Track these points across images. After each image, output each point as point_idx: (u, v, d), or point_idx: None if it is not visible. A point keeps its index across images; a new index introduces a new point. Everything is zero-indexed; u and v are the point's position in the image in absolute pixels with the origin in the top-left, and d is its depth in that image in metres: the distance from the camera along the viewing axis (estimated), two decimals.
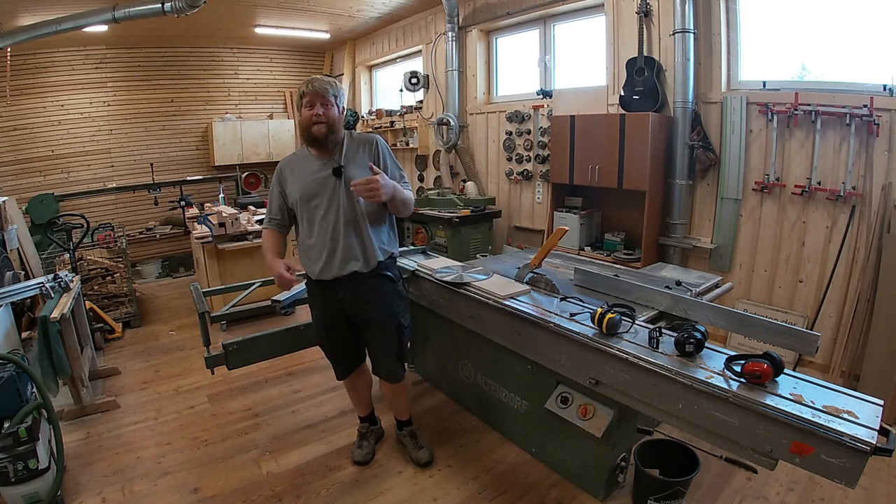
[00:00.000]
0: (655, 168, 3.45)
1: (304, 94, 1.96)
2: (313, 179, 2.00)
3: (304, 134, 2.00)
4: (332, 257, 2.00)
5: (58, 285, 2.77)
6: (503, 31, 5.06)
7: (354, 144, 2.06)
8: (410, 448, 2.40)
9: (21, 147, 5.68)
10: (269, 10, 5.23)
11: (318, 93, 1.93)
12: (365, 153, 2.06)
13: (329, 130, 1.96)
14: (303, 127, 1.98)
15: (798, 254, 3.14)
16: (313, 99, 1.94)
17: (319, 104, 1.94)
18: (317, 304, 2.18)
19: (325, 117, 1.94)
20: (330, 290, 2.06)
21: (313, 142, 1.98)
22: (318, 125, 1.94)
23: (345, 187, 1.97)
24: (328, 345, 2.26)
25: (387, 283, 2.11)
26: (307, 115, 1.94)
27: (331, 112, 1.96)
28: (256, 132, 6.80)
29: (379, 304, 2.09)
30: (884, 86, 2.71)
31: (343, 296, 2.06)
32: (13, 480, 1.98)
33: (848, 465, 1.27)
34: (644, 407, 1.74)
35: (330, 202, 1.99)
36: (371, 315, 2.10)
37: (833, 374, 2.91)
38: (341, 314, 2.11)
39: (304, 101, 1.96)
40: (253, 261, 4.17)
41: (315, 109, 1.93)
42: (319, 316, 2.20)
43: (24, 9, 4.43)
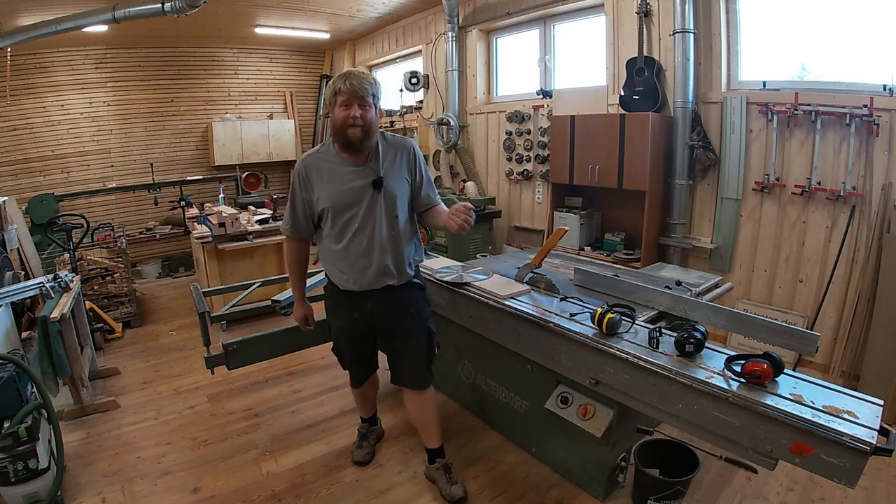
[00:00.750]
0: (655, 168, 3.45)
1: (339, 90, 1.75)
2: (348, 189, 1.83)
3: (336, 135, 1.81)
4: (364, 272, 1.88)
5: (58, 285, 2.77)
6: (503, 31, 5.06)
7: (391, 150, 1.90)
8: (442, 483, 2.14)
9: (21, 147, 5.68)
10: (269, 10, 5.23)
11: (356, 92, 1.73)
12: (402, 161, 1.91)
13: (365, 135, 1.77)
14: (336, 128, 1.79)
15: (798, 254, 3.14)
16: (350, 99, 1.74)
17: (357, 105, 1.74)
18: (341, 314, 2.04)
19: (363, 120, 1.75)
20: (359, 299, 1.94)
21: (347, 146, 1.80)
22: (353, 128, 1.75)
23: (384, 201, 1.84)
24: (350, 354, 2.15)
25: (416, 292, 2.04)
26: (342, 116, 1.75)
27: (368, 114, 1.77)
28: (256, 132, 6.80)
29: (410, 313, 2.00)
30: (884, 86, 2.71)
31: (373, 306, 1.95)
32: (13, 480, 1.98)
33: (848, 465, 1.27)
34: (644, 407, 1.74)
35: (367, 216, 1.84)
36: (402, 324, 2.00)
37: (833, 374, 2.91)
38: (369, 324, 2.01)
39: (338, 100, 1.76)
40: (253, 261, 4.17)
41: (352, 111, 1.74)
42: (343, 325, 2.06)
43: (24, 9, 4.43)
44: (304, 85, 7.54)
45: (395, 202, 1.89)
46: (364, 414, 2.47)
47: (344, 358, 2.21)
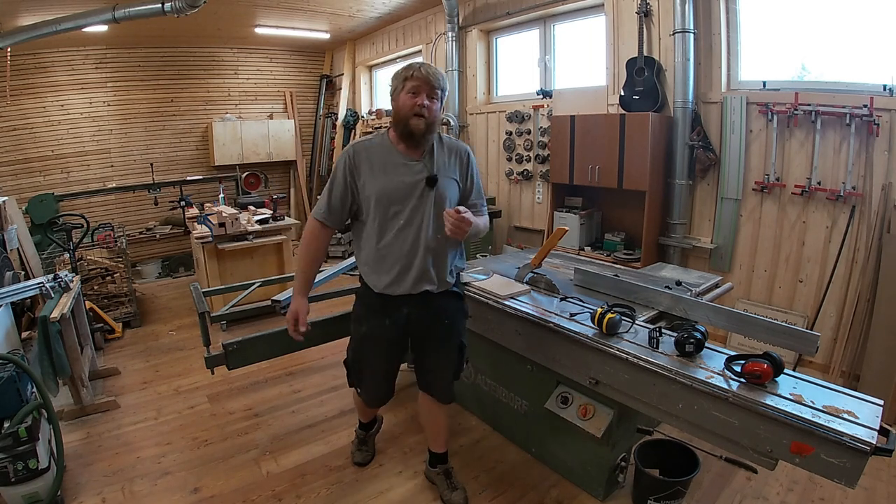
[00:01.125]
0: (655, 168, 3.45)
1: (411, 76, 1.66)
2: (400, 182, 1.73)
3: (398, 123, 1.72)
4: (404, 274, 1.76)
5: (58, 285, 2.77)
6: (503, 31, 5.06)
7: (445, 152, 1.81)
8: (442, 488, 2.12)
9: (21, 147, 5.68)
10: (269, 10, 5.23)
11: (428, 81, 1.65)
12: (455, 164, 1.83)
13: (428, 128, 1.69)
14: (399, 115, 1.70)
15: (798, 254, 3.14)
16: (421, 87, 1.65)
17: (426, 94, 1.66)
18: (371, 319, 1.87)
19: (429, 111, 1.67)
20: (393, 304, 1.81)
21: (407, 136, 1.71)
22: (417, 118, 1.66)
23: (434, 200, 1.74)
24: (371, 367, 1.96)
25: (455, 301, 1.93)
26: (409, 103, 1.66)
27: (434, 107, 1.69)
28: (256, 132, 6.80)
29: (445, 323, 1.89)
30: (884, 86, 2.71)
31: (408, 311, 1.82)
32: (13, 480, 1.98)
33: (848, 465, 1.27)
34: (644, 407, 1.74)
35: (414, 214, 1.73)
36: (435, 334, 1.89)
37: (833, 374, 2.91)
38: (401, 333, 1.87)
39: (407, 86, 1.67)
40: (253, 261, 4.17)
41: (420, 99, 1.65)
42: (371, 331, 1.88)
43: (24, 9, 4.43)
44: (304, 85, 7.54)
45: (445, 203, 1.77)
46: (364, 419, 2.39)
47: (361, 371, 1.99)
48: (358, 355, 1.97)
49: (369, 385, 2.02)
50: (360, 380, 2.02)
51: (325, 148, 7.57)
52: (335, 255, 6.25)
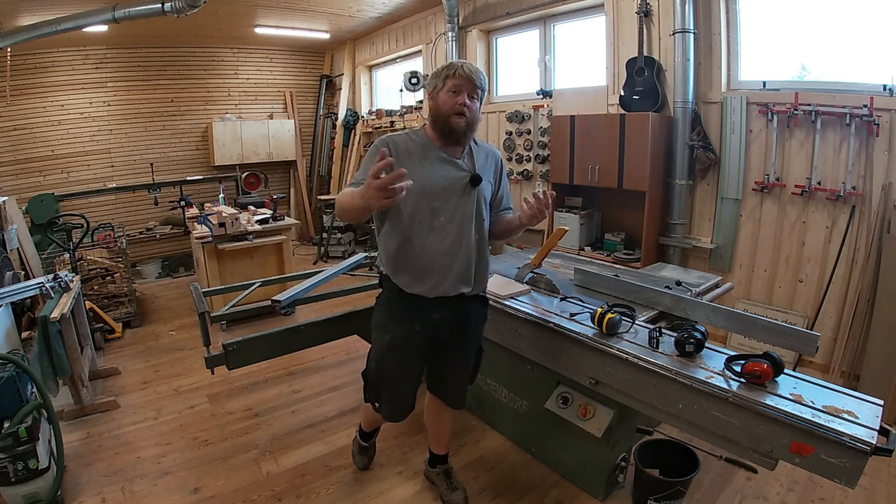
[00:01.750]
0: (655, 168, 3.45)
1: (452, 75, 1.62)
2: (442, 176, 1.68)
3: (437, 121, 1.67)
4: (444, 275, 1.69)
5: (58, 285, 2.77)
6: (503, 31, 5.06)
7: (482, 154, 1.80)
8: (443, 489, 2.11)
9: (21, 147, 5.68)
10: (269, 10, 5.23)
11: (470, 80, 1.62)
12: (491, 166, 1.82)
13: (468, 127, 1.66)
14: (439, 114, 1.66)
15: (798, 254, 3.14)
16: (462, 85, 1.62)
17: (467, 94, 1.63)
18: (398, 325, 1.77)
19: (470, 111, 1.64)
20: (426, 308, 1.73)
21: (448, 134, 1.66)
22: (458, 117, 1.63)
23: (476, 200, 1.72)
24: (396, 378, 1.84)
25: (482, 307, 1.93)
26: (450, 102, 1.62)
27: (475, 107, 1.66)
28: (256, 132, 6.81)
29: (471, 328, 1.87)
30: (884, 86, 2.71)
31: (439, 317, 1.75)
32: (13, 480, 1.98)
33: (848, 465, 1.27)
34: (644, 407, 1.74)
35: (455, 211, 1.68)
36: (461, 338, 1.85)
37: (833, 374, 2.91)
38: (430, 339, 1.79)
39: (447, 84, 1.63)
40: (253, 261, 4.17)
41: (461, 98, 1.62)
42: (397, 339, 1.77)
43: (24, 9, 4.43)
44: (304, 85, 7.54)
45: (484, 204, 1.77)
46: (367, 428, 2.27)
47: (381, 384, 1.87)
48: (381, 365, 1.84)
49: (391, 398, 1.88)
50: (379, 394, 1.90)
51: (325, 148, 7.57)
52: (335, 255, 6.25)
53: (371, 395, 1.93)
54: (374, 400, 1.92)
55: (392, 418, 1.94)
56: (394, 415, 1.92)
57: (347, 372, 3.29)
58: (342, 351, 3.53)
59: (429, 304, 1.72)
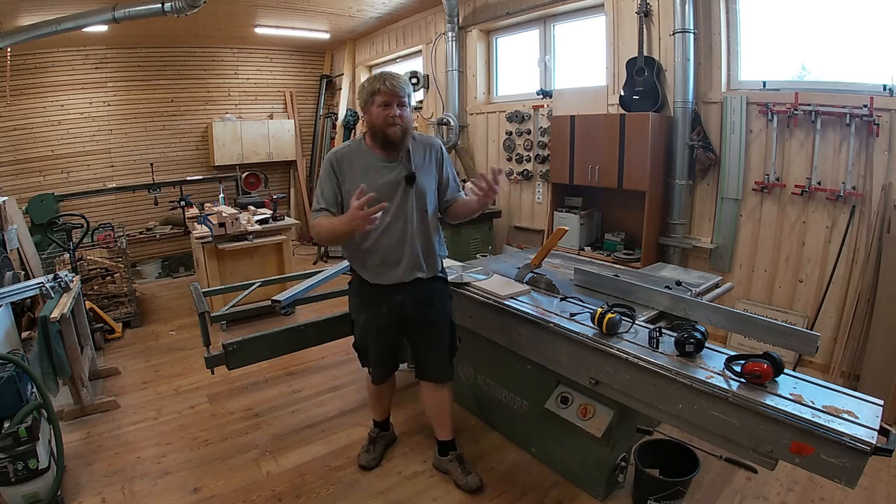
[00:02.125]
0: (655, 168, 3.45)
1: (378, 91, 1.81)
2: (383, 183, 1.87)
3: (375, 134, 1.88)
4: (395, 266, 1.93)
5: (58, 285, 2.77)
6: (503, 31, 5.06)
7: (420, 148, 1.97)
8: (457, 474, 2.20)
9: (21, 147, 5.68)
10: (269, 10, 5.23)
11: (395, 92, 1.81)
12: (431, 159, 1.99)
13: (404, 134, 1.85)
14: (375, 127, 1.85)
15: (798, 254, 3.14)
16: (390, 98, 1.81)
17: (396, 104, 1.82)
18: (368, 308, 2.05)
19: (402, 119, 1.83)
20: (388, 294, 1.98)
21: (386, 144, 1.86)
22: (393, 127, 1.82)
23: (415, 196, 1.90)
24: (376, 350, 2.13)
25: (442, 285, 2.12)
26: (381, 116, 1.82)
27: (406, 113, 1.85)
28: (256, 132, 6.80)
29: (436, 306, 2.06)
30: (884, 86, 2.71)
31: (401, 299, 1.98)
32: (13, 480, 1.98)
33: (848, 465, 1.27)
34: (644, 407, 1.74)
35: (399, 210, 1.89)
36: (428, 317, 2.05)
37: (833, 374, 2.91)
38: (397, 317, 2.02)
39: (376, 99, 1.82)
40: (253, 261, 4.17)
41: (391, 110, 1.81)
42: (370, 319, 2.06)
43: (24, 9, 4.43)
44: (304, 85, 7.54)
45: (425, 197, 1.95)
46: (377, 416, 2.44)
47: (368, 354, 2.17)
48: (363, 341, 2.15)
49: (376, 365, 2.20)
50: (367, 360, 2.20)
51: (325, 148, 7.57)
52: (335, 256, 6.25)
53: (364, 362, 2.23)
54: (366, 364, 2.23)
55: (376, 380, 2.27)
56: (377, 377, 2.25)
57: (347, 372, 3.29)
58: (342, 351, 3.52)
59: (391, 289, 1.97)
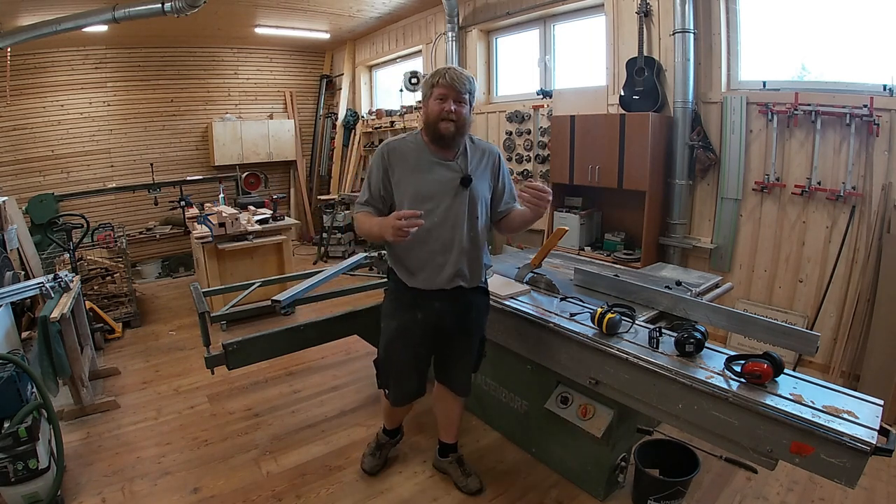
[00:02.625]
0: (655, 168, 3.45)
1: (437, 83, 1.74)
2: (434, 180, 1.79)
3: (428, 128, 1.80)
4: (439, 270, 1.82)
5: (58, 285, 2.77)
6: (503, 31, 5.06)
7: (478, 153, 1.88)
8: (457, 476, 2.20)
9: (21, 147, 5.68)
10: (269, 10, 5.23)
11: (453, 86, 1.73)
12: (488, 165, 1.89)
13: (458, 131, 1.76)
14: (428, 120, 1.78)
15: (798, 254, 3.14)
16: (447, 92, 1.73)
17: (453, 100, 1.74)
18: (402, 313, 1.91)
19: (457, 115, 1.74)
20: (426, 300, 1.86)
21: (438, 139, 1.78)
22: (446, 122, 1.74)
23: (469, 200, 1.81)
24: (402, 361, 1.96)
25: (483, 297, 2.02)
26: (436, 109, 1.74)
27: (463, 111, 1.76)
28: (256, 132, 6.81)
29: (472, 318, 1.97)
30: (884, 86, 2.71)
31: (440, 306, 1.87)
32: (13, 480, 1.98)
33: (848, 465, 1.27)
34: (644, 407, 1.74)
35: (448, 211, 1.79)
36: (463, 329, 1.96)
37: (833, 374, 2.91)
38: (432, 327, 1.91)
39: (434, 92, 1.76)
40: (253, 261, 4.17)
41: (447, 104, 1.73)
42: (403, 325, 1.91)
43: (24, 9, 4.43)
44: (304, 85, 7.54)
45: (478, 203, 1.85)
46: (390, 425, 2.33)
47: (390, 368, 2.00)
48: (388, 351, 1.98)
49: (397, 382, 2.02)
50: (387, 378, 2.04)
51: (325, 148, 7.58)
52: (335, 255, 6.25)
53: (382, 381, 2.07)
54: (384, 385, 2.07)
55: (397, 402, 2.08)
56: (398, 399, 2.06)
57: (347, 372, 3.29)
58: (342, 351, 3.53)
59: (430, 295, 1.85)
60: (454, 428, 2.23)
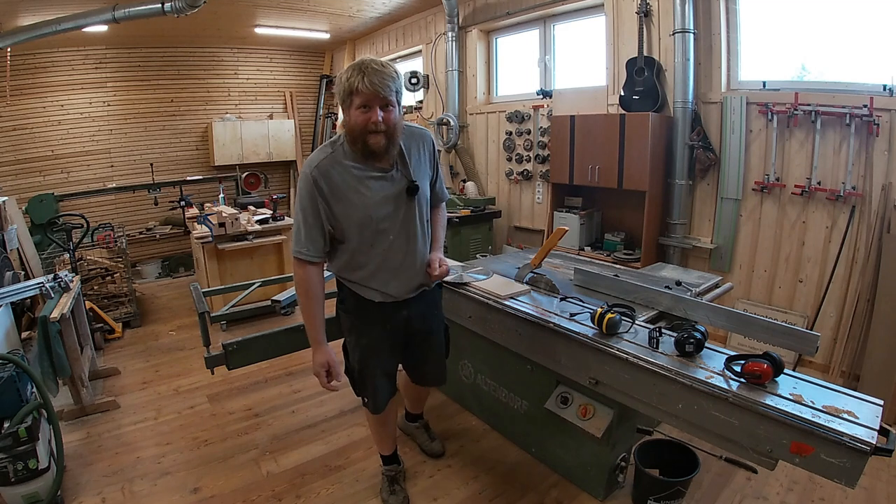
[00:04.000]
0: (655, 168, 3.45)
1: (355, 90, 1.46)
2: (381, 199, 1.62)
3: (354, 142, 1.55)
4: (408, 282, 1.77)
5: (58, 285, 2.77)
6: (503, 31, 5.06)
7: (413, 145, 1.69)
8: (423, 440, 2.43)
9: (21, 147, 5.68)
10: (269, 10, 5.22)
11: (377, 93, 1.45)
12: (424, 155, 1.73)
13: (389, 142, 1.54)
14: (354, 134, 1.53)
15: (798, 254, 3.14)
16: (370, 100, 1.47)
17: (379, 107, 1.48)
18: (370, 329, 1.81)
19: (386, 124, 1.49)
20: (393, 311, 1.79)
21: (368, 155, 1.56)
22: (375, 135, 1.50)
23: (417, 206, 1.69)
24: (378, 373, 1.88)
25: (438, 290, 2.01)
26: (360, 120, 1.49)
27: (392, 116, 1.51)
28: (256, 132, 6.80)
29: (435, 314, 1.98)
30: (884, 86, 2.71)
31: (408, 313, 1.82)
32: (13, 480, 1.98)
33: (848, 465, 1.27)
34: (644, 407, 1.74)
35: (401, 224, 1.67)
36: (429, 327, 1.94)
37: (833, 374, 2.91)
38: (402, 334, 1.87)
39: (354, 101, 1.48)
40: (253, 261, 4.17)
41: (372, 114, 1.47)
42: (374, 341, 1.82)
43: (24, 9, 4.43)
44: (304, 85, 7.54)
45: (424, 203, 1.74)
46: (385, 449, 2.17)
47: (368, 379, 1.89)
48: (363, 367, 1.87)
49: (375, 393, 1.92)
50: (364, 389, 1.93)
51: None
52: None
53: (359, 391, 1.97)
54: (361, 395, 1.97)
55: (377, 410, 1.97)
56: (378, 406, 1.95)
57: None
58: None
59: (396, 307, 1.79)
60: (423, 404, 2.44)
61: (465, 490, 2.20)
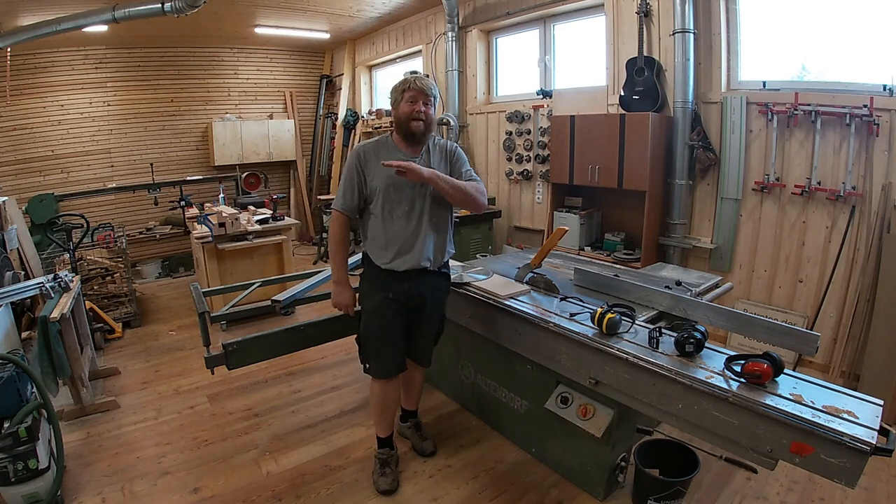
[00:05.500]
0: (655, 168, 3.45)
1: (408, 87, 2.00)
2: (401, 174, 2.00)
3: (399, 127, 2.05)
4: (407, 253, 2.04)
5: (58, 285, 2.77)
6: (503, 31, 5.06)
7: (438, 151, 2.13)
8: (415, 439, 2.47)
9: (21, 147, 5.68)
10: (269, 10, 5.23)
11: (423, 90, 1.99)
12: (444, 160, 2.12)
13: (426, 129, 2.03)
14: (400, 120, 2.03)
15: (798, 254, 3.14)
16: (417, 95, 1.99)
17: (423, 102, 1.99)
18: (378, 292, 2.09)
19: (426, 115, 2.00)
20: (397, 279, 2.06)
21: (410, 137, 2.03)
22: (417, 122, 1.99)
23: (432, 190, 2.02)
24: (383, 334, 2.10)
25: (444, 280, 2.23)
26: (408, 110, 1.99)
27: (430, 111, 2.03)
28: (256, 132, 6.81)
29: (434, 298, 2.17)
30: (884, 86, 2.71)
31: (408, 287, 2.08)
32: (13, 480, 1.98)
33: (848, 465, 1.27)
34: (644, 407, 1.74)
35: (414, 201, 2.03)
36: (427, 307, 2.15)
37: (833, 374, 2.91)
38: (402, 305, 2.10)
39: (405, 95, 2.00)
40: (253, 261, 4.17)
41: (418, 105, 1.99)
42: (377, 305, 2.09)
43: (24, 9, 4.43)
44: (304, 85, 7.54)
45: (436, 199, 2.06)
46: (382, 432, 2.26)
47: (370, 341, 2.14)
48: (367, 328, 2.15)
49: (377, 355, 2.14)
50: (368, 354, 2.18)
51: (325, 148, 7.57)
52: None
53: (364, 356, 2.21)
54: (366, 360, 2.20)
55: (380, 374, 2.16)
56: (381, 370, 2.15)
57: (347, 372, 3.29)
58: (342, 351, 3.53)
59: (400, 276, 2.05)
60: (416, 397, 2.49)
61: (465, 490, 2.20)
